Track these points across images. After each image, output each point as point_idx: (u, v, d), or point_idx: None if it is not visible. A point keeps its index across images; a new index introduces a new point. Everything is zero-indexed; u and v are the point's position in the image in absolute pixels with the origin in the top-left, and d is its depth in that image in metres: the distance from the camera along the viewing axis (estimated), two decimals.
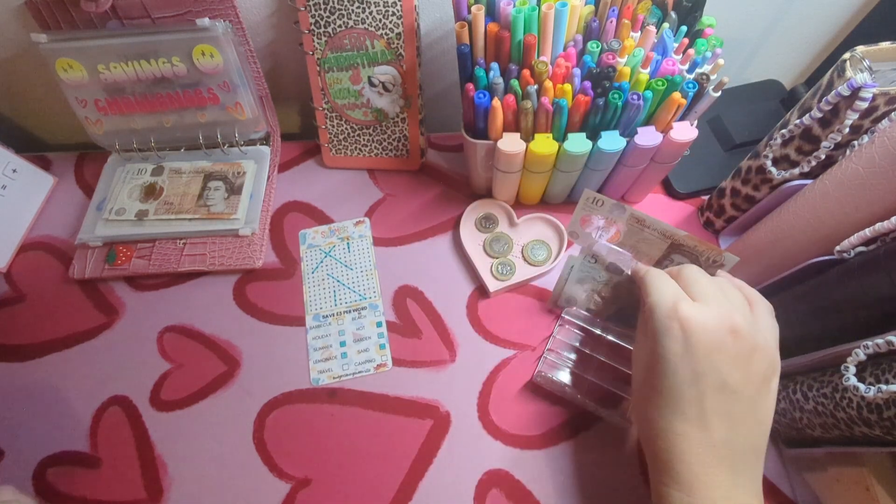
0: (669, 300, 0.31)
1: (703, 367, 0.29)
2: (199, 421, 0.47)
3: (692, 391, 0.29)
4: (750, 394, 0.30)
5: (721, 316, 0.30)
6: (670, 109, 0.43)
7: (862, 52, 0.38)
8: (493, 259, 0.53)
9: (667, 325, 0.29)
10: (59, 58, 0.50)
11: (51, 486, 0.45)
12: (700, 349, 0.29)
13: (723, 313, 0.30)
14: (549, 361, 0.49)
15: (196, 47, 0.49)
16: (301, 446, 0.46)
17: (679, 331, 0.29)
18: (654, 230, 0.45)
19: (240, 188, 0.56)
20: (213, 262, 0.53)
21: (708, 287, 0.32)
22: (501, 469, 0.45)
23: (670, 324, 0.29)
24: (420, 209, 0.58)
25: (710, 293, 0.32)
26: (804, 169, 0.43)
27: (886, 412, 0.33)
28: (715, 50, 0.43)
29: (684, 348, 0.29)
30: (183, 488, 0.45)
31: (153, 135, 0.56)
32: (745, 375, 0.30)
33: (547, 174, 0.50)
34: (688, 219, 0.57)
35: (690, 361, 0.29)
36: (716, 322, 0.29)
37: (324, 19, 0.50)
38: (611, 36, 0.44)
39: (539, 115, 0.44)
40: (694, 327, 0.29)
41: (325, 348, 0.50)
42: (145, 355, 0.50)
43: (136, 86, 0.52)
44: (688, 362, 0.29)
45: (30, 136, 0.69)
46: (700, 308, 0.30)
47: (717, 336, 0.29)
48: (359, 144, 0.59)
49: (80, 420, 0.47)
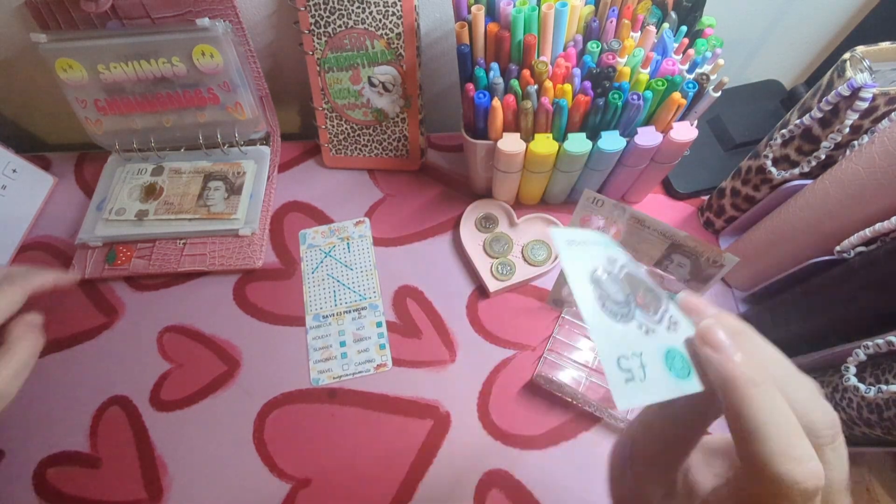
0: (803, 475, 0.17)
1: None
2: (199, 421, 0.47)
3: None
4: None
5: (846, 481, 0.19)
6: (670, 109, 0.43)
7: (862, 52, 0.38)
8: (493, 259, 0.53)
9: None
10: (58, 58, 0.50)
11: (51, 486, 0.45)
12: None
13: (846, 473, 0.19)
14: (549, 361, 0.49)
15: (196, 47, 0.49)
16: (301, 446, 0.46)
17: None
18: (653, 230, 0.45)
19: (240, 188, 0.56)
20: (213, 262, 0.53)
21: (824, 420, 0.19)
22: (501, 469, 0.45)
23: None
24: (420, 209, 0.58)
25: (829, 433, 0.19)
26: (804, 169, 0.43)
27: (886, 412, 0.33)
28: (715, 50, 0.43)
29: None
30: (183, 488, 0.45)
31: (153, 135, 0.56)
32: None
33: (547, 174, 0.50)
34: (688, 219, 0.57)
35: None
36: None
37: (324, 19, 0.50)
38: (611, 36, 0.44)
39: (539, 115, 0.44)
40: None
41: (325, 348, 0.50)
42: (145, 355, 0.50)
43: (136, 86, 0.52)
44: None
45: (30, 136, 0.69)
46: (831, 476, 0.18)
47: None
48: (359, 144, 0.59)
49: (80, 420, 0.47)
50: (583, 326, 0.50)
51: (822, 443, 0.18)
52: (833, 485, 0.19)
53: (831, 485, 0.19)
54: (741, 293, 0.52)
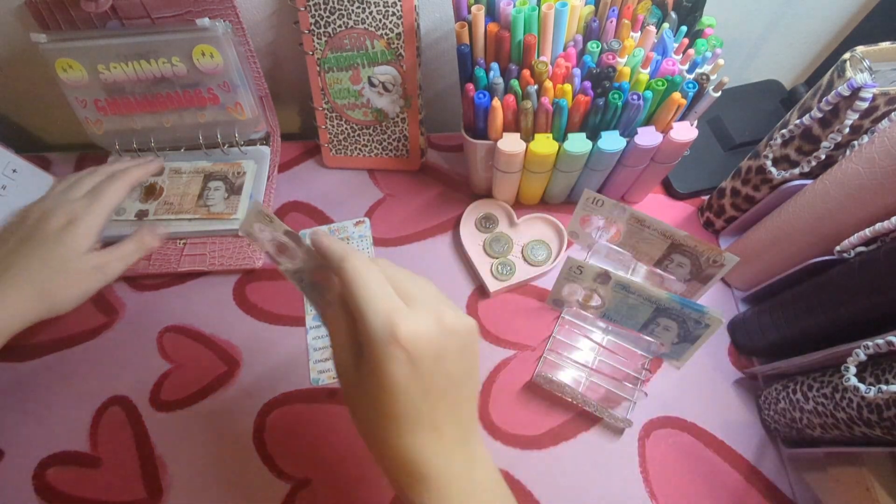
0: (385, 318, 0.26)
1: (431, 380, 0.27)
2: (199, 421, 0.47)
3: (425, 405, 0.28)
4: (472, 377, 0.31)
5: (436, 320, 0.28)
6: (670, 109, 0.43)
7: (862, 52, 0.38)
8: (493, 259, 0.53)
9: (390, 353, 0.26)
10: (58, 58, 0.50)
11: (51, 486, 0.45)
12: (426, 364, 0.27)
13: (435, 315, 0.28)
14: (549, 361, 0.49)
15: (196, 47, 0.49)
16: (301, 446, 0.46)
17: (403, 354, 0.26)
18: (654, 230, 0.45)
19: (240, 188, 0.56)
20: (213, 263, 0.53)
21: (409, 282, 0.29)
22: (501, 469, 0.45)
23: (394, 351, 0.26)
24: (420, 209, 0.58)
25: (414, 290, 0.29)
26: (804, 169, 0.43)
27: (886, 412, 0.33)
28: (715, 50, 0.43)
29: (411, 370, 0.27)
30: (183, 488, 0.45)
31: (153, 135, 0.56)
32: (465, 365, 0.29)
33: (547, 174, 0.50)
34: (688, 219, 0.57)
35: (419, 379, 0.27)
36: (434, 329, 0.27)
37: (324, 19, 0.50)
38: (611, 36, 0.44)
39: (539, 115, 0.44)
40: (418, 345, 0.26)
41: (325, 348, 0.50)
42: (145, 355, 0.50)
43: (136, 86, 0.52)
44: (417, 381, 0.27)
45: (30, 136, 0.69)
46: (416, 318, 0.27)
47: (438, 344, 0.27)
48: (359, 144, 0.59)
49: (80, 420, 0.47)
50: (583, 326, 0.51)
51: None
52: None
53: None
54: (741, 293, 0.52)
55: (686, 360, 0.45)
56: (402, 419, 0.28)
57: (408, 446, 0.28)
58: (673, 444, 0.46)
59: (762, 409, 0.46)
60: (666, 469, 0.45)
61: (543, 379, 0.47)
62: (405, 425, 0.28)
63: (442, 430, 0.29)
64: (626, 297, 0.43)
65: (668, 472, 0.45)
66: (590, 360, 0.49)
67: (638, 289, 0.41)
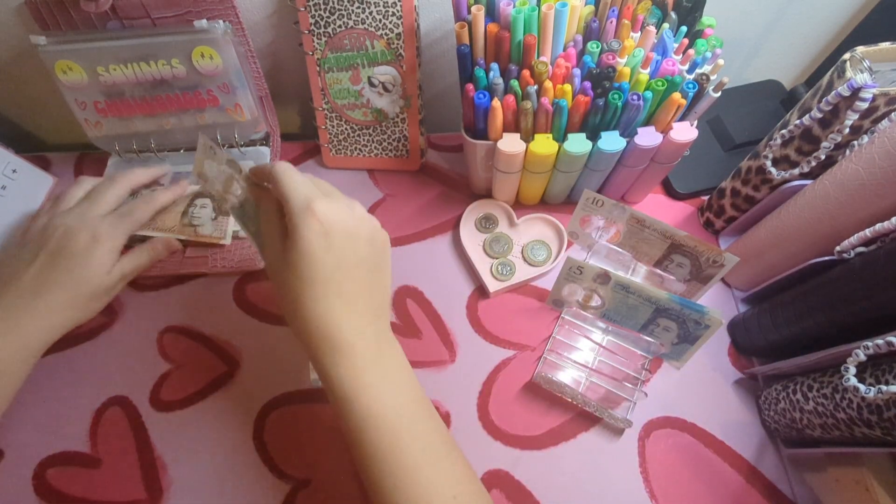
0: (305, 197, 0.33)
1: (343, 254, 0.33)
2: (199, 421, 0.47)
3: (337, 274, 0.33)
4: (382, 269, 0.37)
5: (347, 207, 0.34)
6: (670, 110, 0.43)
7: (862, 52, 0.38)
8: (493, 259, 0.53)
9: (308, 223, 0.32)
10: (58, 60, 0.50)
11: (51, 486, 0.45)
12: (338, 239, 0.33)
13: (347, 205, 0.35)
14: (549, 362, 0.49)
15: (195, 49, 0.49)
16: (301, 446, 0.46)
17: (318, 225, 0.32)
18: (654, 230, 0.45)
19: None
20: (214, 264, 0.53)
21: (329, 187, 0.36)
22: (501, 469, 0.45)
23: (311, 221, 0.32)
24: (420, 209, 0.58)
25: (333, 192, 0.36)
26: (804, 169, 0.43)
27: (886, 413, 0.33)
28: (715, 50, 0.43)
29: (325, 241, 0.32)
30: (183, 488, 0.45)
31: (153, 137, 0.56)
32: (375, 251, 0.35)
33: (547, 174, 0.50)
34: (688, 219, 0.57)
35: (331, 251, 0.33)
36: (346, 214, 0.34)
37: (324, 19, 0.50)
38: (611, 36, 0.44)
39: (539, 115, 0.44)
40: (331, 221, 0.33)
41: None
42: (145, 355, 0.50)
43: (136, 88, 0.52)
44: (330, 252, 0.32)
45: (30, 136, 0.69)
46: (330, 203, 0.33)
47: (349, 225, 0.34)
48: (359, 145, 0.59)
49: (80, 420, 0.47)
50: (583, 327, 0.51)
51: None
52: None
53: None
54: (741, 293, 0.52)
55: (686, 360, 0.45)
56: (318, 284, 0.33)
57: (323, 312, 0.33)
58: (673, 445, 0.46)
59: (762, 409, 0.46)
60: (666, 469, 0.45)
61: (543, 379, 0.47)
62: (320, 289, 0.33)
63: (354, 304, 0.34)
64: (625, 297, 0.43)
65: (667, 473, 0.45)
66: (590, 360, 0.49)
67: (638, 289, 0.41)
